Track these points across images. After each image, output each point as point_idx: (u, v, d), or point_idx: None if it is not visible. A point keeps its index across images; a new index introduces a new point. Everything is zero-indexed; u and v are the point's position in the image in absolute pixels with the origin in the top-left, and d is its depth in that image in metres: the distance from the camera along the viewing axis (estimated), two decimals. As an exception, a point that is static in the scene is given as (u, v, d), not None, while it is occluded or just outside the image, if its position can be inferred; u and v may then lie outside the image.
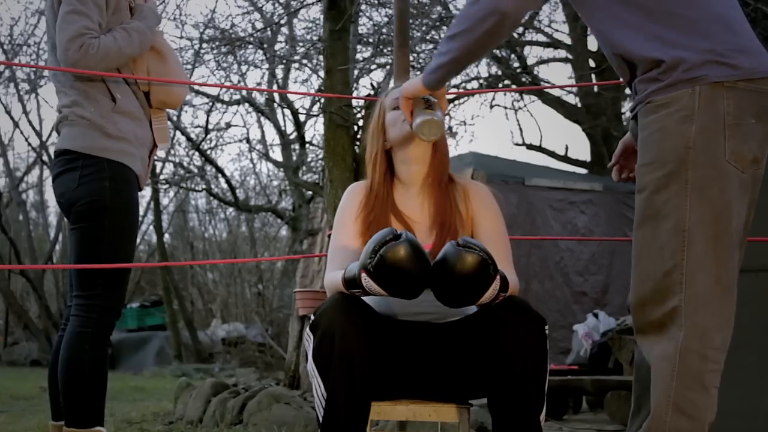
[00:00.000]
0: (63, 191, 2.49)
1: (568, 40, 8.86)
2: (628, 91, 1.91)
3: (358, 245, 2.14)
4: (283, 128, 8.72)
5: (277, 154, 11.91)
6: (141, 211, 10.58)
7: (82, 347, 2.40)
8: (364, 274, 1.86)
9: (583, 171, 8.79)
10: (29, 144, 14.07)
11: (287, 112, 8.49)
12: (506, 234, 2.18)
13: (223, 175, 9.63)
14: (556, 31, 8.42)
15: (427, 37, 6.77)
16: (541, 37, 8.71)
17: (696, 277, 1.71)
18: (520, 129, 8.02)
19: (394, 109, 2.20)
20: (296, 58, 6.74)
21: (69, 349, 2.41)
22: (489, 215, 2.18)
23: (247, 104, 8.72)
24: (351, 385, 1.89)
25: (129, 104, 2.55)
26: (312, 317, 1.98)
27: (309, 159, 8.25)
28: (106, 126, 2.49)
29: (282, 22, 6.96)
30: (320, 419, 1.93)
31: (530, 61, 8.78)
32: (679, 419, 1.71)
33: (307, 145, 8.07)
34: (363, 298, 2.02)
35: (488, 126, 32.31)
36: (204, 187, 10.30)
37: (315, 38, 6.65)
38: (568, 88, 7.82)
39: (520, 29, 8.08)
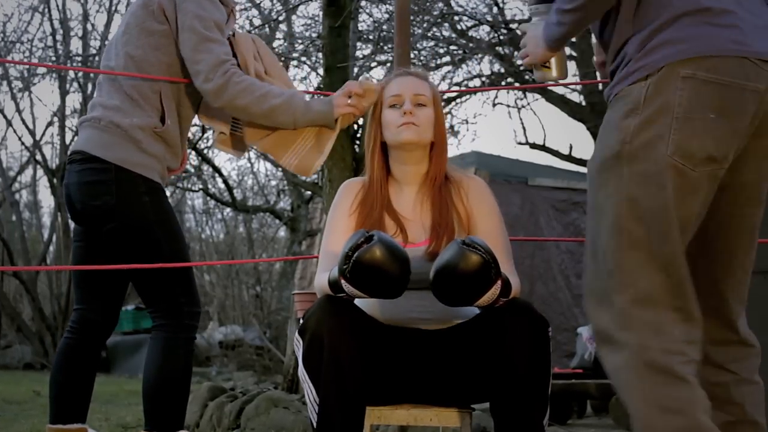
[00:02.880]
0: (97, 203, 2.42)
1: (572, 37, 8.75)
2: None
3: None
4: (281, 127, 8.64)
5: (274, 154, 11.82)
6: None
7: (176, 354, 2.44)
8: (342, 280, 1.87)
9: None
10: (22, 143, 13.97)
11: (285, 110, 8.38)
12: (505, 232, 2.16)
13: (221, 174, 9.52)
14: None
15: (429, 34, 6.69)
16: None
17: (636, 277, 1.59)
18: (523, 128, 7.87)
19: (391, 106, 2.18)
20: (295, 55, 6.65)
21: (161, 356, 2.42)
22: (486, 213, 2.16)
23: (244, 103, 8.59)
24: (342, 388, 1.87)
25: (173, 131, 2.48)
26: (301, 321, 1.98)
27: (307, 158, 8.15)
28: (142, 141, 2.41)
29: (280, 18, 6.87)
30: (314, 425, 1.90)
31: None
32: (665, 418, 1.54)
33: (306, 145, 7.97)
34: (359, 303, 2.02)
35: (491, 125, 32.37)
36: (201, 187, 10.20)
37: (314, 35, 6.57)
38: (572, 86, 7.71)
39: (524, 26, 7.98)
